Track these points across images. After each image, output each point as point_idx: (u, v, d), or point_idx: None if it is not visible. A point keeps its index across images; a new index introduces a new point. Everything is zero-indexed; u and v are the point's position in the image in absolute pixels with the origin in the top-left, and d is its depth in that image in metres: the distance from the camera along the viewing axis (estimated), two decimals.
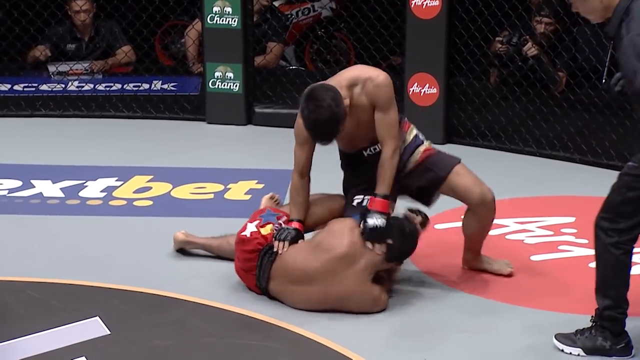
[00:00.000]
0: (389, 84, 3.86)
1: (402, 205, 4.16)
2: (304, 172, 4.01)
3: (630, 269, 3.56)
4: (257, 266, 3.97)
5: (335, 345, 3.67)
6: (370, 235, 3.82)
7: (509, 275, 4.22)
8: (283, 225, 4.01)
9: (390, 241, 3.82)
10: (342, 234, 3.86)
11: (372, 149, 4.01)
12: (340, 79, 3.87)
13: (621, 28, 3.42)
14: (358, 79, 3.84)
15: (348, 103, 3.79)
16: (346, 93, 3.80)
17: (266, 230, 4.01)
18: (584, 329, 3.61)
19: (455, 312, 3.97)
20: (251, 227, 4.03)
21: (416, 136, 4.10)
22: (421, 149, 4.07)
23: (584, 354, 3.58)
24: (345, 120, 3.77)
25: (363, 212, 3.88)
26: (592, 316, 3.62)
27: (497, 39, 6.68)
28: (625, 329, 3.58)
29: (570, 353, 3.60)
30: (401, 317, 3.90)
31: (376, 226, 3.81)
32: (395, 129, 3.90)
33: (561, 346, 3.62)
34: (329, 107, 3.70)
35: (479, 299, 4.06)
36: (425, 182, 4.08)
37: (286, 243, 3.90)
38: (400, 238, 3.86)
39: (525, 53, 6.61)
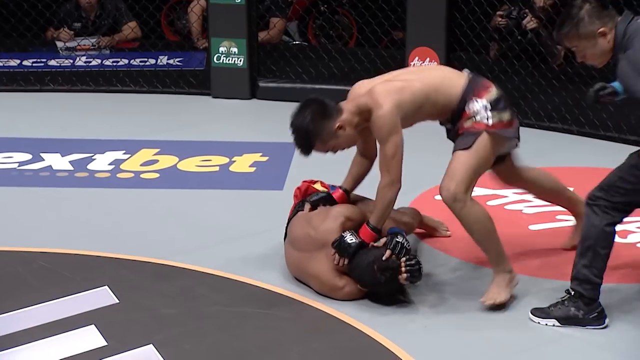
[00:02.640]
0: (388, 118, 3.62)
1: None
2: (364, 154, 3.95)
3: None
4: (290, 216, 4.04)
5: (338, 312, 3.69)
6: (334, 243, 3.73)
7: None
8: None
9: (346, 262, 3.70)
10: (332, 219, 3.79)
11: (447, 125, 3.83)
12: (354, 100, 3.73)
13: (619, 49, 3.45)
14: (365, 106, 3.69)
15: (337, 127, 3.65)
16: (348, 116, 3.67)
17: (317, 186, 4.08)
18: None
19: (456, 279, 3.98)
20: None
21: (473, 118, 3.72)
22: (470, 122, 3.73)
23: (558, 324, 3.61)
24: (327, 140, 3.66)
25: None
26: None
27: (497, 13, 6.64)
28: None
29: (547, 324, 3.61)
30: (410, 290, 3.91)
31: (344, 241, 3.71)
32: (392, 163, 3.65)
33: (536, 319, 3.63)
34: (303, 121, 3.65)
35: (479, 268, 4.07)
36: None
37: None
38: (367, 269, 3.67)
39: (525, 26, 6.57)
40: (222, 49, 6.59)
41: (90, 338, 3.50)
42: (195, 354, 3.42)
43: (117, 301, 3.78)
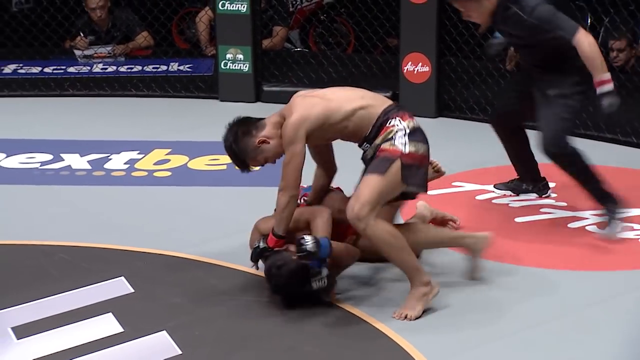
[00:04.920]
0: (291, 127, 3.53)
1: None
2: (322, 165, 3.87)
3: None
4: None
5: (342, 302, 3.67)
6: (252, 253, 3.74)
7: None
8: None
9: (255, 267, 3.76)
10: (255, 231, 3.80)
11: (363, 146, 3.65)
12: (278, 114, 3.66)
13: (509, 10, 3.92)
14: (283, 116, 3.62)
15: (258, 142, 3.60)
16: (270, 129, 3.61)
17: None
18: None
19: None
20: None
21: (389, 139, 3.52)
22: (381, 146, 3.53)
23: None
24: (254, 156, 3.62)
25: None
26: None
27: None
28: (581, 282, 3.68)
29: None
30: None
31: (257, 247, 3.69)
32: (287, 170, 3.55)
33: None
34: (227, 145, 3.67)
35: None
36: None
37: None
38: (273, 270, 3.62)
39: None
40: (228, 55, 6.59)
41: (107, 325, 3.51)
42: (205, 339, 3.42)
43: (133, 291, 3.78)
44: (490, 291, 3.77)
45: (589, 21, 6.77)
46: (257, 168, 3.79)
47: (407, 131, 3.54)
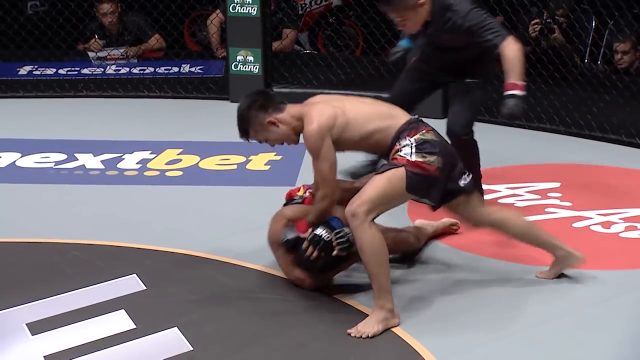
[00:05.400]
0: (314, 137, 3.47)
1: None
2: None
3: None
4: None
5: (351, 300, 3.67)
6: (286, 246, 3.70)
7: None
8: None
9: (285, 255, 3.72)
10: (277, 221, 3.76)
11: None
12: (301, 105, 3.64)
13: (444, 16, 3.95)
14: (301, 116, 3.58)
15: (268, 121, 3.57)
16: (286, 117, 3.58)
17: (300, 192, 4.00)
18: None
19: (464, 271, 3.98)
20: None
21: (397, 151, 3.52)
22: (396, 154, 3.52)
23: None
24: (258, 131, 3.60)
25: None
26: None
27: (532, 22, 6.51)
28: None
29: None
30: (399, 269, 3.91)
31: (282, 238, 3.67)
32: (325, 179, 3.51)
33: None
34: (241, 107, 3.64)
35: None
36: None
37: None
38: (300, 252, 3.64)
39: (552, 38, 6.45)
40: (239, 57, 6.59)
41: (120, 321, 3.52)
42: (215, 336, 3.43)
43: (145, 288, 3.79)
44: (492, 290, 3.76)
45: (593, 24, 6.75)
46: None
47: (414, 144, 3.48)
